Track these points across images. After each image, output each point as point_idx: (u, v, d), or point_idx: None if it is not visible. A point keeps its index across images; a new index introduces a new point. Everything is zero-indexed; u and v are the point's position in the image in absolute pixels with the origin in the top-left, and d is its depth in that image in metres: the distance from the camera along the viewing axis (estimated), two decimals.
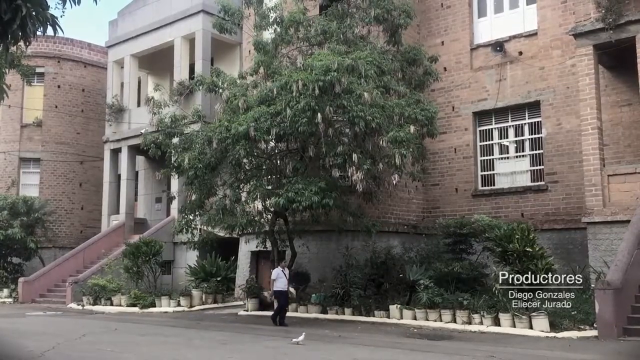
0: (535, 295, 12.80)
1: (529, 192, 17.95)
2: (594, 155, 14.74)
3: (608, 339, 10.84)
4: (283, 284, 14.50)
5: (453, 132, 19.64)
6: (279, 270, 14.64)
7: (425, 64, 17.22)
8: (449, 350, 10.50)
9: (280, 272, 14.61)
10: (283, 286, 14.49)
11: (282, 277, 14.54)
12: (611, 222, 14.22)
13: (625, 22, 14.33)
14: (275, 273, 14.61)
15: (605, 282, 11.35)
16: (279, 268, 14.76)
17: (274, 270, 14.82)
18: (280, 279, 14.50)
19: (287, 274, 14.84)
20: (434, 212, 19.75)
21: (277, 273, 14.59)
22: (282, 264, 15.04)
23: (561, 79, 17.55)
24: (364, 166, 13.68)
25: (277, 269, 14.76)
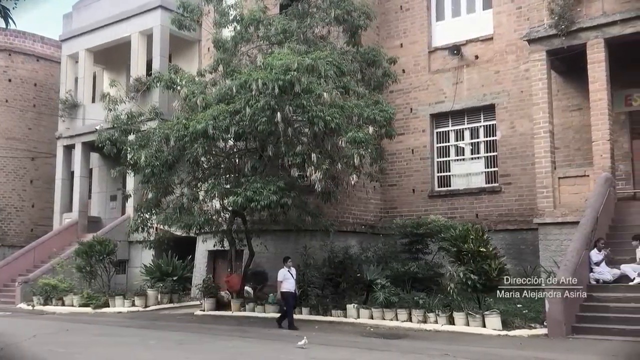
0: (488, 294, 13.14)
1: (484, 194, 18.34)
2: (545, 158, 15.17)
3: (557, 337, 11.16)
4: (291, 285, 13.56)
5: (411, 133, 19.90)
6: (285, 271, 13.62)
7: (384, 66, 17.40)
8: (405, 349, 10.64)
9: (287, 272, 13.61)
10: (291, 287, 13.55)
11: (290, 277, 13.59)
12: (561, 223, 14.66)
13: (576, 29, 14.79)
14: (282, 274, 13.59)
15: (555, 281, 11.67)
16: (285, 268, 13.67)
17: (280, 271, 13.71)
18: (287, 279, 13.54)
19: (294, 274, 13.85)
20: (392, 212, 19.96)
21: (283, 274, 13.59)
22: (288, 264, 13.83)
23: (515, 83, 17.99)
24: (322, 166, 13.72)
25: (284, 269, 13.67)
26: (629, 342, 10.41)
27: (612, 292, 12.05)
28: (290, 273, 13.66)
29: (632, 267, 12.17)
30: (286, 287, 13.47)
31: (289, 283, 13.52)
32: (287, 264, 13.81)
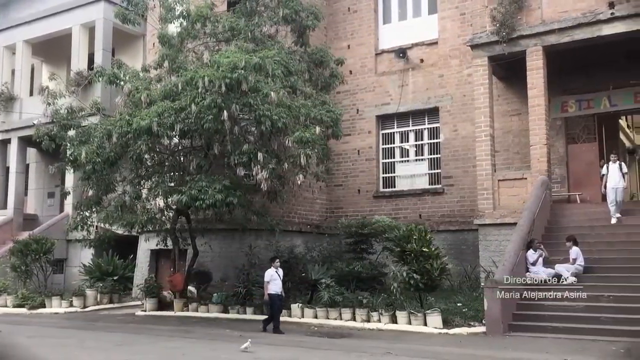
0: (430, 293, 13.43)
1: (427, 195, 18.71)
2: (486, 161, 15.61)
3: (495, 335, 11.50)
4: (278, 287, 12.95)
5: (357, 134, 20.09)
6: (273, 271, 13.00)
7: (332, 66, 17.50)
8: (348, 348, 10.74)
9: (274, 273, 13.00)
10: (278, 289, 12.93)
11: (277, 278, 12.96)
12: (500, 224, 15.12)
13: (517, 36, 15.28)
14: (269, 274, 12.95)
15: (493, 280, 12.04)
16: (272, 269, 13.05)
17: (267, 272, 13.06)
18: (274, 280, 12.90)
19: (281, 275, 13.22)
20: (337, 212, 20.11)
21: (270, 274, 12.94)
22: (275, 264, 13.24)
23: (458, 87, 18.44)
24: (269, 165, 13.69)
25: (271, 269, 13.05)
26: (562, 340, 10.84)
27: (546, 291, 12.45)
28: (277, 274, 13.04)
29: (565, 267, 12.66)
30: (273, 289, 12.85)
31: (275, 285, 12.90)
32: (274, 264, 13.19)
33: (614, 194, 13.83)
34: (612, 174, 13.99)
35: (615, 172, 13.97)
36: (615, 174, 13.94)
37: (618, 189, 13.80)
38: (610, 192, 13.92)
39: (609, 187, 13.92)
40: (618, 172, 13.97)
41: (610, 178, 13.98)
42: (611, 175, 14.00)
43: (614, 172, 13.99)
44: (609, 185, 13.93)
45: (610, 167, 14.17)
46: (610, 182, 13.94)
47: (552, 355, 9.64)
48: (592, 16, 14.35)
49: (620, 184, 13.84)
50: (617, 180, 13.85)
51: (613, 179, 13.91)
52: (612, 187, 13.86)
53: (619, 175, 13.91)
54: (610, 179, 13.97)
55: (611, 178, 13.95)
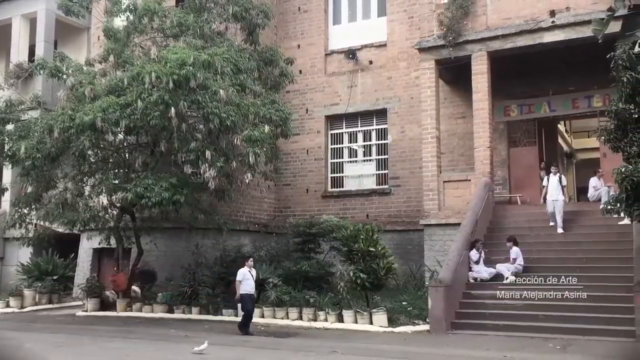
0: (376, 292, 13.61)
1: (374, 195, 18.93)
2: (432, 162, 15.94)
3: (438, 333, 11.76)
4: (251, 287, 12.58)
5: (306, 134, 20.14)
6: (246, 271, 12.58)
7: (282, 66, 17.46)
8: (295, 347, 10.76)
9: (247, 272, 12.59)
10: (251, 289, 12.56)
11: (250, 278, 12.58)
12: (445, 225, 15.46)
13: (463, 41, 15.65)
14: (242, 274, 12.51)
15: (437, 280, 12.31)
16: (246, 268, 12.63)
17: (240, 271, 12.60)
18: (247, 280, 12.51)
19: (254, 275, 12.87)
20: (285, 211, 20.10)
21: (243, 274, 12.51)
22: (248, 263, 12.81)
23: (406, 90, 18.72)
24: (217, 164, 13.56)
25: (244, 268, 12.62)
26: (502, 337, 11.18)
27: (488, 290, 12.87)
28: (250, 273, 12.69)
29: (506, 267, 13.06)
30: (245, 289, 12.46)
31: (248, 284, 12.52)
32: (248, 263, 12.83)
33: (552, 207, 14.08)
34: (552, 187, 14.23)
35: (554, 185, 14.20)
36: (554, 187, 14.17)
37: (557, 202, 14.01)
38: (549, 205, 14.19)
39: (549, 199, 14.19)
40: (557, 185, 14.19)
41: (549, 191, 14.25)
42: (550, 188, 14.25)
43: (553, 185, 14.23)
44: (549, 198, 14.19)
45: (550, 179, 14.43)
46: (549, 195, 14.21)
47: (492, 352, 9.93)
48: (534, 23, 14.85)
49: (559, 196, 14.06)
50: (556, 194, 14.07)
51: (552, 192, 14.16)
52: (551, 200, 14.13)
53: (558, 188, 14.13)
54: (550, 191, 14.23)
55: (550, 191, 14.21)
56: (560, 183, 14.23)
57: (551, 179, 14.35)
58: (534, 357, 9.63)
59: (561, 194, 14.09)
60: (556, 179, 14.26)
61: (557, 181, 14.23)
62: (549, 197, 14.14)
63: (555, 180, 14.26)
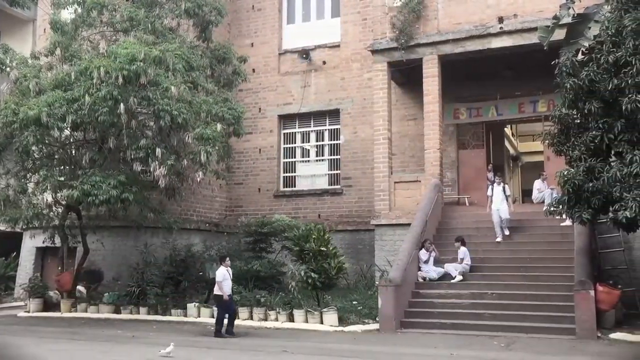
0: (327, 292, 13.68)
1: (326, 195, 19.02)
2: (383, 163, 16.12)
3: (388, 332, 11.91)
4: (229, 287, 12.20)
5: (259, 133, 20.06)
6: (224, 270, 12.17)
7: (235, 64, 17.35)
8: (245, 347, 10.71)
9: (226, 272, 12.20)
10: (229, 290, 12.20)
11: (228, 278, 12.19)
12: (395, 225, 15.66)
13: (415, 44, 15.90)
14: (221, 274, 12.07)
15: (387, 279, 12.46)
16: (223, 268, 12.21)
17: (218, 271, 12.19)
18: (226, 280, 12.10)
19: (231, 274, 12.46)
20: (237, 210, 19.97)
21: (223, 274, 12.08)
22: (226, 263, 12.41)
23: (359, 91, 18.88)
24: (167, 161, 13.37)
25: (222, 268, 12.20)
26: (450, 335, 11.42)
27: (436, 289, 13.12)
28: (229, 273, 12.32)
29: (453, 266, 13.34)
30: (227, 291, 12.06)
31: (227, 285, 12.11)
32: (226, 263, 12.42)
33: (497, 215, 14.17)
34: (496, 196, 14.30)
35: (498, 195, 14.26)
36: (498, 197, 14.24)
37: (501, 210, 14.09)
38: (494, 214, 14.13)
39: (493, 209, 14.15)
40: (502, 194, 14.26)
41: (494, 200, 14.20)
42: (495, 197, 14.31)
43: (497, 195, 14.29)
44: (493, 207, 14.16)
45: (494, 189, 14.37)
46: (494, 204, 14.17)
47: (440, 350, 10.13)
48: (484, 29, 15.21)
49: (503, 205, 14.17)
50: (500, 203, 14.15)
51: (496, 201, 14.24)
52: (496, 209, 14.19)
53: (502, 197, 14.22)
54: (495, 201, 14.19)
55: (495, 200, 14.28)
56: (504, 193, 14.27)
57: (495, 189, 14.36)
58: (479, 354, 9.87)
59: (505, 204, 14.15)
60: (500, 189, 14.29)
61: (501, 191, 14.25)
62: (494, 207, 14.16)
63: (499, 190, 14.28)
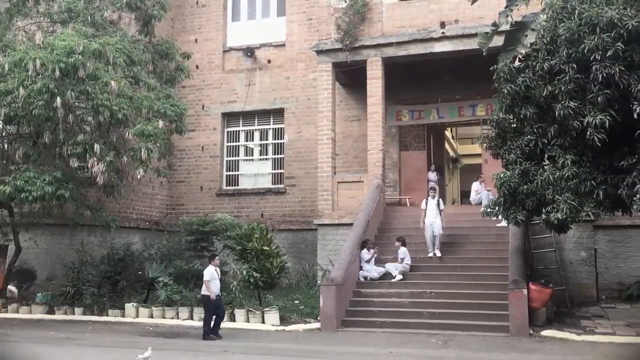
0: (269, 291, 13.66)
1: (270, 194, 18.97)
2: (327, 163, 16.23)
3: (329, 331, 12.00)
4: (217, 287, 11.77)
5: (202, 130, 19.81)
6: (213, 270, 11.74)
7: (178, 60, 17.06)
8: (185, 347, 10.56)
9: (214, 272, 11.77)
10: (217, 290, 11.76)
11: (217, 278, 11.77)
12: (338, 225, 15.79)
13: (359, 46, 16.06)
14: (209, 273, 11.64)
15: (329, 278, 12.55)
16: (212, 267, 11.80)
17: (206, 270, 11.76)
18: (214, 280, 11.68)
19: (219, 274, 12.08)
20: (178, 209, 19.66)
21: (210, 273, 11.65)
22: (215, 262, 12.02)
23: (304, 90, 18.91)
24: (106, 158, 13.04)
25: (210, 267, 11.78)
26: (389, 333, 11.61)
27: (376, 289, 13.31)
28: (217, 273, 11.93)
29: (394, 266, 13.56)
30: (215, 291, 11.65)
31: (215, 285, 11.70)
32: (214, 262, 12.03)
33: (430, 230, 13.84)
34: (430, 210, 13.93)
35: (432, 209, 14.07)
36: (432, 211, 14.05)
37: (435, 224, 13.92)
38: (427, 228, 13.87)
39: (427, 223, 13.87)
40: (436, 209, 13.93)
41: (428, 214, 13.93)
42: (429, 211, 13.93)
43: (431, 209, 13.93)
44: (427, 222, 13.87)
45: (429, 203, 14.09)
46: (428, 218, 13.90)
47: (379, 349, 10.28)
48: (426, 33, 15.53)
49: (437, 220, 13.85)
50: (434, 217, 13.97)
51: (430, 215, 13.87)
52: (429, 224, 13.82)
53: (436, 211, 14.05)
54: (428, 215, 13.91)
55: (429, 214, 13.90)
56: (438, 206, 14.03)
57: (429, 203, 14.06)
58: (417, 352, 10.08)
59: (439, 218, 13.92)
60: (434, 203, 14.04)
61: (435, 205, 14.01)
62: (427, 221, 13.89)
63: (433, 204, 14.03)
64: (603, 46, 8.69)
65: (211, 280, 11.60)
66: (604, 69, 8.69)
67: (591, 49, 8.79)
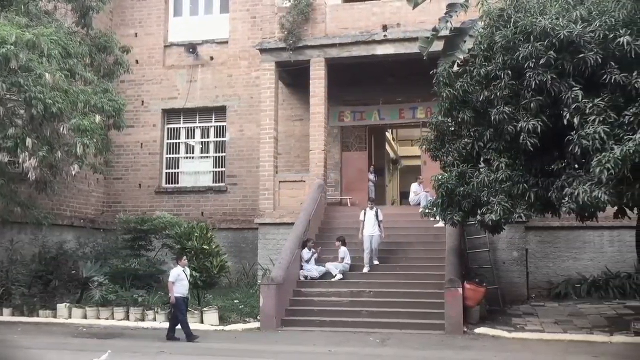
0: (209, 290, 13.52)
1: (210, 193, 18.76)
2: (269, 162, 16.20)
3: (269, 330, 11.98)
4: (185, 289, 11.33)
5: (141, 127, 19.38)
6: (180, 271, 11.28)
7: (117, 54, 16.59)
8: (120, 349, 10.29)
9: (182, 272, 11.30)
10: (185, 291, 11.33)
11: (184, 279, 11.29)
12: (279, 224, 15.79)
13: (303, 46, 16.11)
14: (175, 274, 11.18)
15: (270, 278, 12.54)
16: (180, 268, 11.34)
17: (172, 271, 11.36)
18: (181, 281, 11.22)
19: (189, 275, 11.59)
20: (115, 207, 19.16)
21: (177, 274, 11.19)
22: (182, 262, 11.57)
23: (247, 89, 18.79)
24: (39, 153, 12.54)
25: (177, 268, 11.32)
26: (329, 333, 11.69)
27: (317, 288, 13.39)
28: (185, 273, 11.44)
29: (334, 265, 13.67)
30: (179, 292, 11.15)
31: (182, 286, 11.26)
32: (182, 262, 11.57)
33: (369, 241, 13.62)
34: (368, 221, 13.73)
35: (371, 220, 13.72)
36: (371, 222, 13.70)
37: (374, 237, 13.79)
38: (366, 240, 13.65)
39: (366, 234, 13.65)
40: (374, 220, 13.73)
41: (366, 225, 13.71)
42: (367, 222, 13.72)
43: (370, 220, 13.73)
44: (366, 233, 13.65)
45: (367, 214, 13.84)
46: (366, 229, 13.68)
47: (319, 348, 10.35)
48: (369, 36, 15.73)
49: (375, 231, 13.67)
50: (373, 229, 13.66)
51: (369, 227, 13.67)
52: (368, 235, 13.62)
53: (374, 223, 13.69)
54: (367, 226, 13.70)
55: (367, 226, 13.69)
56: (377, 218, 13.80)
57: (368, 214, 13.82)
58: (356, 351, 10.20)
59: (378, 229, 13.73)
60: (373, 214, 13.82)
61: (374, 216, 13.79)
62: (366, 232, 13.67)
63: (372, 215, 13.80)
64: (536, 54, 9.05)
65: (177, 281, 11.19)
66: (537, 76, 9.04)
67: (525, 57, 9.13)
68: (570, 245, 15.34)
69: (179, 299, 11.17)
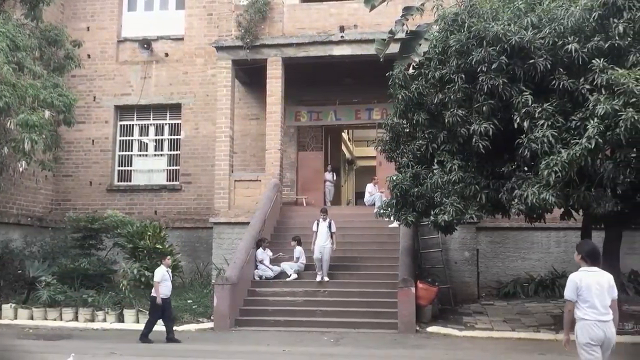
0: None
1: (164, 191, 18.47)
2: (224, 161, 16.06)
3: (222, 330, 11.90)
4: (169, 289, 11.03)
5: (92, 123, 18.92)
6: (164, 271, 10.99)
7: (68, 47, 16.17)
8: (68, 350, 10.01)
9: (166, 272, 11.02)
10: (169, 292, 11.02)
11: (168, 279, 11.02)
12: (234, 223, 15.69)
13: (260, 44, 16.04)
14: (160, 274, 10.88)
15: (224, 277, 12.44)
16: (164, 267, 11.05)
17: (157, 270, 11.01)
18: (165, 281, 10.92)
19: (171, 275, 11.33)
20: (65, 204, 18.65)
21: (161, 274, 10.89)
22: (166, 262, 11.28)
23: (202, 86, 18.58)
24: None
25: (162, 268, 11.01)
26: (283, 332, 11.69)
27: (271, 288, 13.36)
28: (168, 274, 11.16)
29: (289, 265, 13.66)
30: (163, 292, 10.84)
31: (166, 287, 10.97)
32: (166, 262, 11.29)
33: (319, 253, 13.29)
34: (321, 233, 13.34)
35: (323, 232, 13.35)
36: (323, 233, 13.33)
37: (325, 248, 13.25)
38: (316, 251, 13.31)
39: (318, 245, 13.28)
40: (327, 231, 13.35)
41: (319, 236, 13.33)
42: (320, 234, 13.34)
43: (322, 232, 13.35)
44: (318, 244, 13.28)
45: (320, 225, 13.45)
46: (318, 240, 13.30)
47: (273, 347, 10.33)
48: (326, 36, 15.79)
49: (327, 243, 13.29)
50: (325, 240, 13.29)
51: (321, 238, 13.30)
52: (320, 246, 13.26)
53: (327, 234, 13.33)
54: (319, 237, 13.32)
55: (319, 237, 13.31)
56: (330, 229, 13.42)
57: (321, 225, 13.43)
58: (310, 350, 10.23)
59: (329, 241, 13.35)
60: (325, 225, 13.43)
61: (326, 227, 13.41)
62: (318, 243, 13.28)
63: (324, 226, 13.42)
64: (489, 59, 9.28)
65: (162, 281, 10.91)
66: (489, 80, 9.28)
67: (478, 61, 9.35)
68: (518, 245, 15.75)
69: (165, 300, 10.94)
